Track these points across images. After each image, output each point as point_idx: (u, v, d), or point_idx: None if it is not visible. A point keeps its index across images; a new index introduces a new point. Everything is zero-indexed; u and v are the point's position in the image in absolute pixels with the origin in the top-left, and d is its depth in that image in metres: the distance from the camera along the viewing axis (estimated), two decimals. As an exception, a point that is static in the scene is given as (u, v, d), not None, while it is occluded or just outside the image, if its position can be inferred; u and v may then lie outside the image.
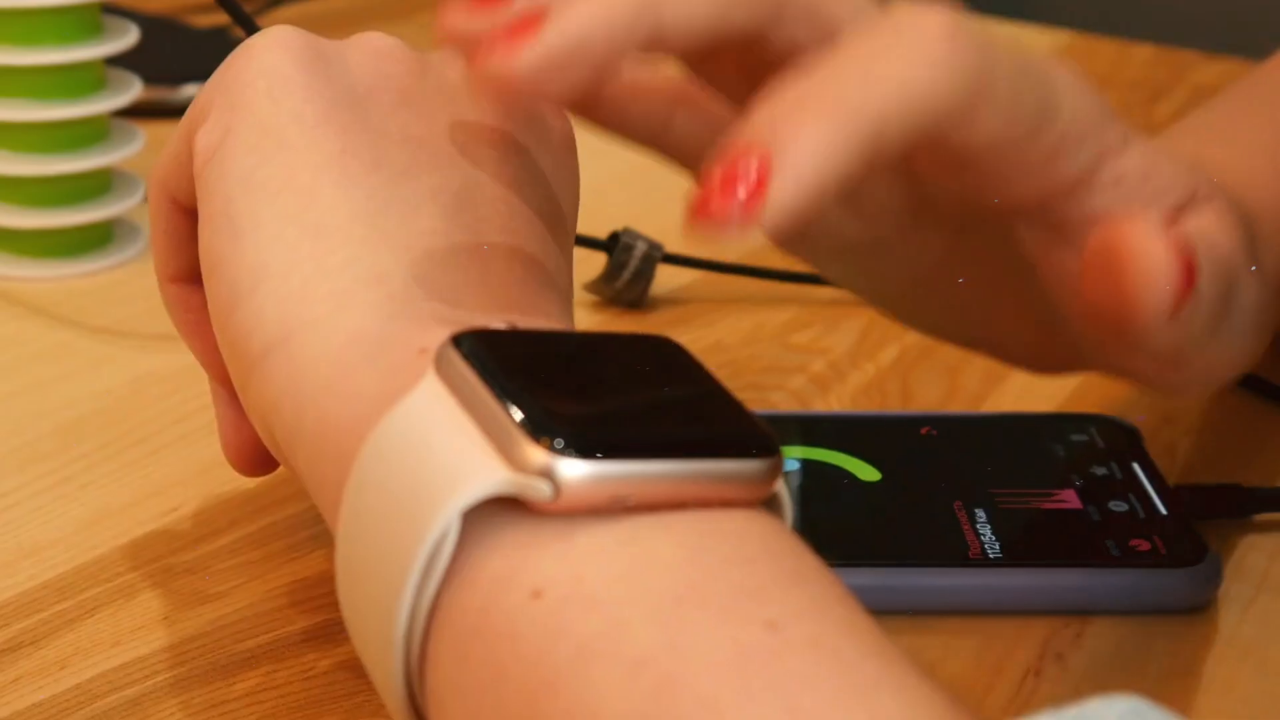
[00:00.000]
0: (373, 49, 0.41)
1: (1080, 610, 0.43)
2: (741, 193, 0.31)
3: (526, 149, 0.40)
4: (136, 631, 0.42)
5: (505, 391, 0.31)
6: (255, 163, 0.38)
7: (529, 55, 0.33)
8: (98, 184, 0.62)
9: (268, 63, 0.39)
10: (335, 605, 0.42)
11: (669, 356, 0.34)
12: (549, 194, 0.40)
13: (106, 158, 0.61)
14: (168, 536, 0.46)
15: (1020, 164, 0.36)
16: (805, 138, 0.32)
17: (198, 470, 0.48)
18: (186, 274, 0.42)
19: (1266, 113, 0.51)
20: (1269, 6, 1.30)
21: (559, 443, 0.30)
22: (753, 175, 0.31)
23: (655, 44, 0.35)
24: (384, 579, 0.31)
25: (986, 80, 0.34)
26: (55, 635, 0.41)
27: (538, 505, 0.30)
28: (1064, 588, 0.43)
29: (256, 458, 0.43)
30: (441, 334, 0.33)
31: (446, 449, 0.31)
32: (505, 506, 0.30)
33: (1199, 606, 0.44)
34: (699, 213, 0.32)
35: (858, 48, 0.33)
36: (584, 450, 0.30)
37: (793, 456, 0.48)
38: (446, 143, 0.39)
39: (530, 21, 0.34)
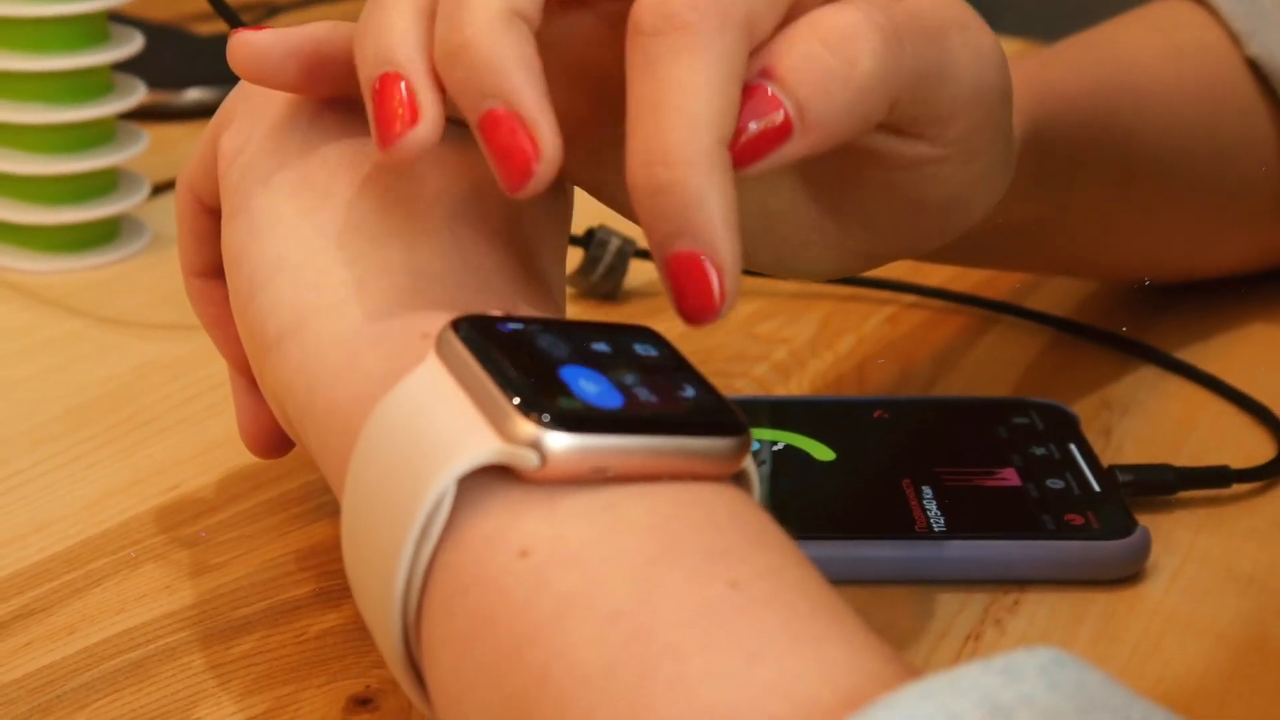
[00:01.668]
0: None
1: (1018, 580, 0.44)
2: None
3: None
4: (140, 600, 0.43)
5: (497, 370, 0.32)
6: (275, 165, 0.39)
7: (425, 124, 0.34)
8: (105, 183, 0.63)
9: None
10: (326, 575, 0.44)
11: (647, 342, 0.35)
12: (545, 195, 0.41)
13: (113, 158, 0.62)
14: (169, 512, 0.47)
15: None
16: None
17: (198, 451, 0.49)
18: (209, 269, 0.43)
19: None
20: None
21: (546, 417, 0.31)
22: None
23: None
24: (385, 540, 0.32)
25: None
26: (64, 603, 0.42)
27: (526, 473, 0.31)
28: (1003, 559, 0.44)
29: (270, 441, 0.44)
30: (442, 320, 0.34)
31: (444, 422, 0.32)
32: (496, 476, 0.31)
33: (1129, 576, 0.45)
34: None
35: None
36: (568, 424, 0.31)
37: (756, 438, 0.49)
38: (451, 148, 0.40)
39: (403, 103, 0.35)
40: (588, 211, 0.62)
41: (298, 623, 0.42)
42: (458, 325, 0.33)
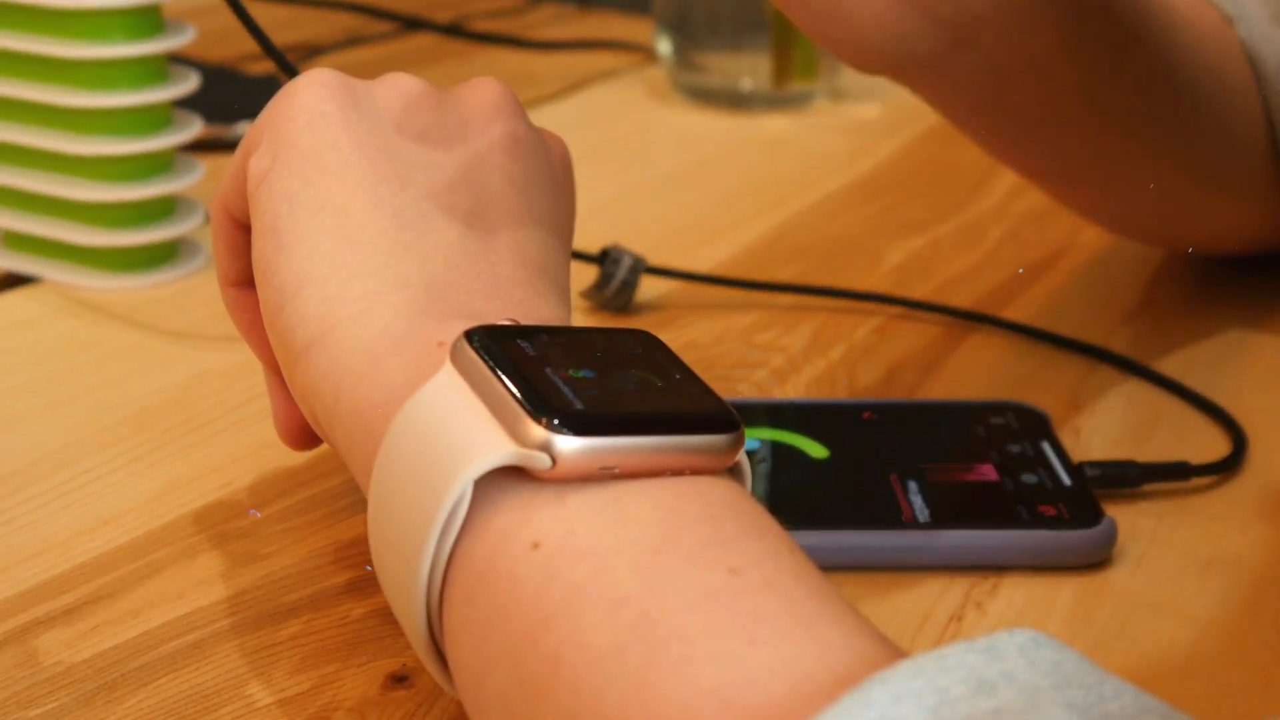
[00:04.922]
0: (398, 87, 0.41)
1: (996, 566, 0.44)
2: None
3: (530, 169, 0.41)
4: (197, 586, 0.42)
5: (510, 378, 0.32)
6: (298, 186, 0.38)
7: None
8: (164, 208, 0.63)
9: (308, 100, 0.40)
10: (365, 563, 0.44)
11: (647, 346, 0.35)
12: (549, 206, 0.41)
13: (172, 186, 0.62)
14: (224, 506, 0.46)
15: None
16: None
17: (250, 451, 0.49)
18: (243, 279, 0.43)
19: None
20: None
21: (556, 421, 0.31)
22: None
23: None
24: (409, 535, 0.32)
25: None
26: (128, 590, 0.42)
27: (538, 474, 0.31)
28: (982, 547, 0.44)
29: (302, 435, 0.43)
30: (456, 329, 0.33)
31: (461, 427, 0.32)
32: (509, 474, 0.31)
33: (1097, 563, 0.44)
34: None
35: None
36: (577, 427, 0.31)
37: (756, 437, 0.48)
38: (461, 166, 0.39)
39: None
40: (602, 231, 0.62)
41: (340, 607, 0.42)
42: (471, 335, 0.33)
